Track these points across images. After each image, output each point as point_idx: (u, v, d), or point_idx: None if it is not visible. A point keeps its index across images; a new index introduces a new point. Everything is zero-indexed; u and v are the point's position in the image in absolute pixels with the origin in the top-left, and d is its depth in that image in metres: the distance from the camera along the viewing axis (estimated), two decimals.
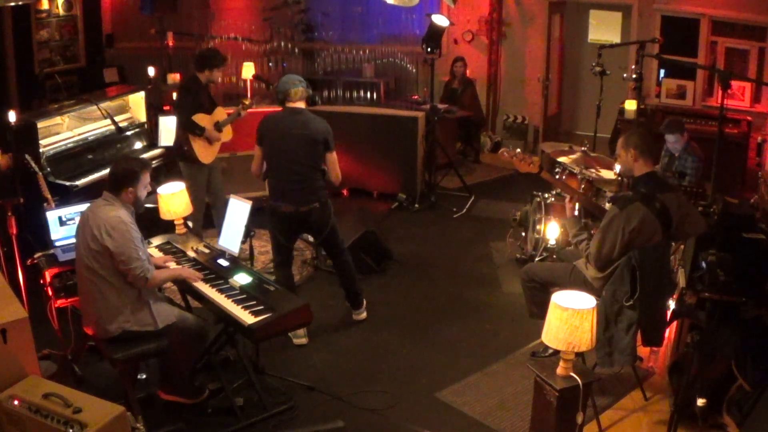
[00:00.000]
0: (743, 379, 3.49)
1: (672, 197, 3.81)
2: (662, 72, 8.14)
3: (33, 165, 4.99)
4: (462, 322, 5.07)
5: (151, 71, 7.94)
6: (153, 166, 6.53)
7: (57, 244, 4.46)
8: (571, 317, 3.07)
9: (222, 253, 4.29)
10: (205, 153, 5.60)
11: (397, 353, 4.67)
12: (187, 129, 5.50)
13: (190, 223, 4.86)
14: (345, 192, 7.53)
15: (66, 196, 5.31)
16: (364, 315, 5.09)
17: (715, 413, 3.62)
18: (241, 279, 3.98)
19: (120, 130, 6.33)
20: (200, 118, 5.52)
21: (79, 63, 8.82)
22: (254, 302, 3.75)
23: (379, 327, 5.00)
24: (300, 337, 4.72)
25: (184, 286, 4.17)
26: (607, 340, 3.81)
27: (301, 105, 4.70)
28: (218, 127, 5.65)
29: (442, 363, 4.56)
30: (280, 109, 4.77)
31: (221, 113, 5.72)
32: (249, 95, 7.86)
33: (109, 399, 3.05)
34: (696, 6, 7.72)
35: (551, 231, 5.58)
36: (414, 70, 9.31)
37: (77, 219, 4.12)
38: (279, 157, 4.63)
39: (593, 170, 5.22)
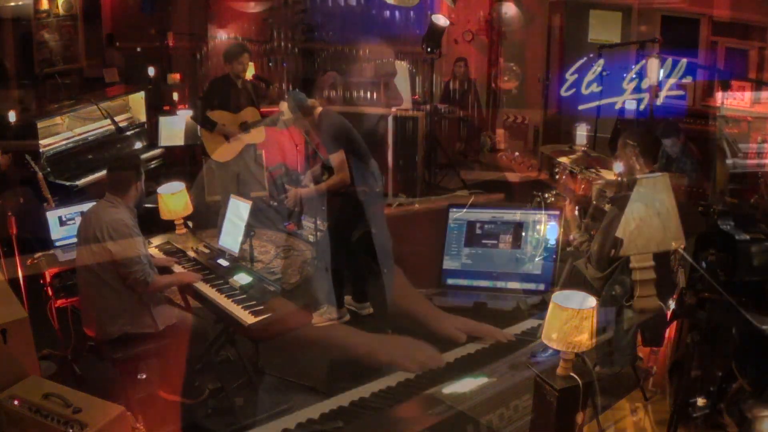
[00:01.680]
0: (743, 379, 3.49)
1: (671, 197, 3.80)
2: (662, 72, 8.12)
3: (33, 165, 5.00)
4: (462, 321, 5.06)
5: (151, 71, 7.93)
6: (153, 166, 6.56)
7: (57, 244, 4.46)
8: (571, 317, 3.07)
9: (222, 253, 4.29)
10: (218, 149, 5.52)
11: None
12: (197, 122, 5.54)
13: (190, 223, 4.85)
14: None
15: (66, 196, 5.31)
16: (370, 309, 5.10)
17: (715, 413, 3.62)
18: (241, 279, 3.98)
19: (120, 130, 6.33)
20: (218, 115, 5.47)
21: (79, 63, 8.80)
22: (254, 302, 3.75)
23: (378, 327, 4.99)
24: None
25: (184, 287, 4.17)
26: (607, 340, 3.80)
27: None
28: (245, 127, 5.58)
29: (442, 362, 4.55)
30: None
31: (252, 114, 5.65)
32: None
33: (109, 399, 3.05)
34: (696, 6, 7.71)
35: (551, 231, 5.57)
36: (414, 70, 9.29)
37: (77, 219, 4.13)
38: (364, 145, 5.05)
39: (593, 170, 5.22)
